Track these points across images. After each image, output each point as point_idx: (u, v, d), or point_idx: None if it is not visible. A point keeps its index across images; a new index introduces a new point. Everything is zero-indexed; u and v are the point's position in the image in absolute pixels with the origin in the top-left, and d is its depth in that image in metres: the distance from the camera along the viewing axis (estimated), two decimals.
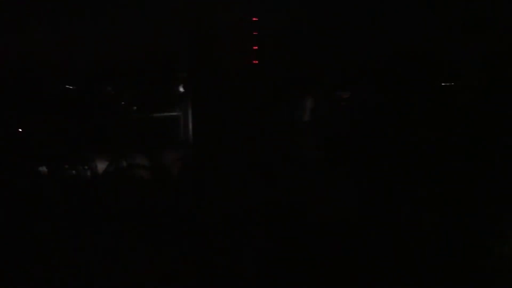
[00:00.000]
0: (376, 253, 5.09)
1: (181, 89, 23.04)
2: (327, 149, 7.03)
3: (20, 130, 8.12)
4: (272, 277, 5.00)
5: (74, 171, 6.91)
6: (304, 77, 7.53)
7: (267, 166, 6.19)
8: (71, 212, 6.64)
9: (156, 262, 5.09)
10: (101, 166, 6.85)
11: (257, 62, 6.88)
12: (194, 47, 6.59)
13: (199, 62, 6.70)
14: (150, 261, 5.10)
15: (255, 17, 6.79)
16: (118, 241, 5.51)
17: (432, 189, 5.79)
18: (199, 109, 6.61)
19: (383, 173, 6.10)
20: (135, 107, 19.14)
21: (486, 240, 5.13)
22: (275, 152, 6.21)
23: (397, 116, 6.77)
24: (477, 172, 5.83)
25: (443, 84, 7.74)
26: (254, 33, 6.88)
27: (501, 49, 6.72)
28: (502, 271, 4.90)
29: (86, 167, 6.89)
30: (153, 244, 5.45)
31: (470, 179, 5.76)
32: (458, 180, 5.78)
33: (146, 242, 5.52)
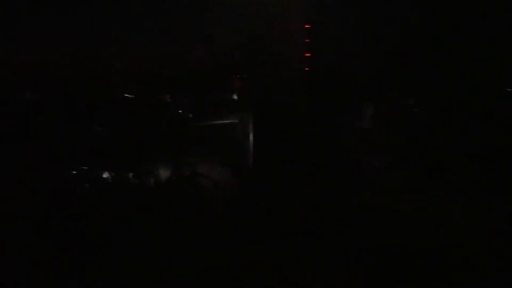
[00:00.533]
0: None
1: (237, 97, 23.15)
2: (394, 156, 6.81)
3: (83, 137, 8.34)
4: None
5: (138, 179, 7.01)
6: (366, 83, 7.33)
7: (331, 172, 6.04)
8: (135, 219, 6.76)
9: (218, 272, 5.03)
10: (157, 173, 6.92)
11: (308, 69, 6.77)
12: (252, 56, 6.53)
13: (258, 70, 6.64)
14: (210, 270, 5.04)
15: (308, 25, 6.69)
16: (182, 250, 5.52)
17: None
18: (261, 116, 6.52)
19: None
20: (191, 115, 19.42)
21: None
22: (339, 158, 6.04)
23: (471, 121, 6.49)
24: None
25: None
26: (307, 40, 6.77)
27: None
28: None
29: (149, 175, 6.98)
30: (215, 254, 5.41)
31: None
32: None
33: (209, 251, 5.50)
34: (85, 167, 7.06)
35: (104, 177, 6.89)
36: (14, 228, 5.85)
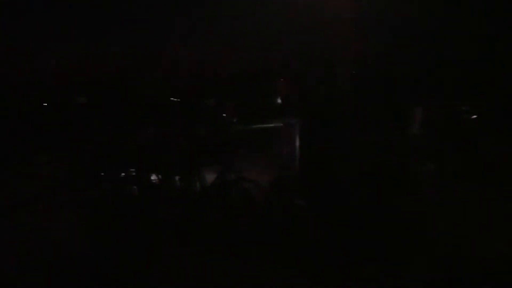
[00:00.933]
0: None
1: (282, 100, 23.13)
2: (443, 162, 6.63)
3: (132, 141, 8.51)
4: None
5: (184, 183, 7.10)
6: (415, 87, 7.15)
7: (380, 179, 5.92)
8: (181, 223, 6.85)
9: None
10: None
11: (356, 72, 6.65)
12: (300, 60, 6.49)
13: (305, 73, 6.60)
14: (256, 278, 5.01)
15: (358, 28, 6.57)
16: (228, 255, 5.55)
17: None
18: (307, 120, 6.45)
19: None
20: (235, 119, 19.57)
21: None
22: (389, 166, 5.91)
23: None
24: None
25: None
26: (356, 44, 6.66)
27: None
28: None
29: (196, 179, 7.06)
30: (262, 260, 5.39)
31: None
32: None
33: (254, 257, 5.49)
34: (133, 170, 7.18)
35: (151, 181, 7.00)
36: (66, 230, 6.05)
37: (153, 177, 7.27)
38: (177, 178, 7.19)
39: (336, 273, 4.82)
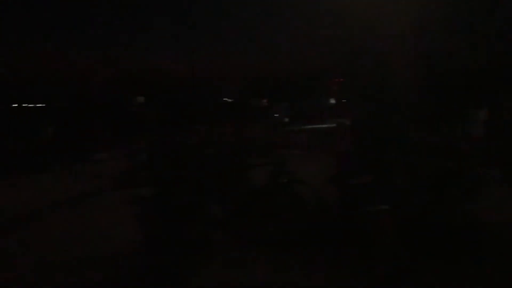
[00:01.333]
0: None
1: (336, 101, 22.73)
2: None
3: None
4: None
5: (233, 183, 7.02)
6: (478, 88, 6.72)
7: (438, 182, 5.57)
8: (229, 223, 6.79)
9: None
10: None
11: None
12: (355, 60, 6.23)
13: (361, 74, 6.33)
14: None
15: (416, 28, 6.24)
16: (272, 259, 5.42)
17: None
18: (363, 121, 6.16)
19: None
20: (287, 119, 19.46)
21: None
22: (452, 170, 5.55)
23: None
24: None
25: None
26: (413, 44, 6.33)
27: None
28: None
29: (245, 180, 6.96)
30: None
31: None
32: None
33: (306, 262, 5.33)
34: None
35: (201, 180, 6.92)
36: None
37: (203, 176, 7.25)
38: (226, 178, 7.12)
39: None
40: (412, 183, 5.49)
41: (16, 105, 16.16)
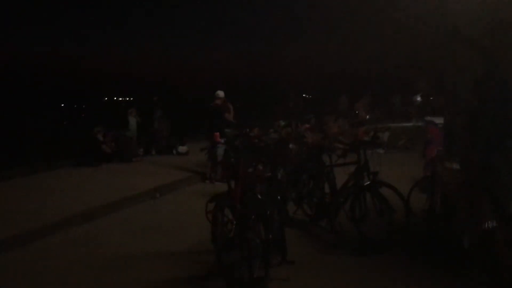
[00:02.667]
0: None
1: (422, 99, 21.49)
2: None
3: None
4: None
5: (312, 183, 6.67)
6: None
7: None
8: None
9: None
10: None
11: None
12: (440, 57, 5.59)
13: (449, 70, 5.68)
14: None
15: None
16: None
17: None
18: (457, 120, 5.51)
19: None
20: (368, 116, 18.68)
21: None
22: None
23: None
24: None
25: None
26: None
27: None
28: None
29: (324, 179, 6.58)
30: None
31: None
32: None
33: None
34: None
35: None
36: None
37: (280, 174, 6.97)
38: (305, 177, 6.78)
39: None
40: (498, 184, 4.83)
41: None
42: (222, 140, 9.09)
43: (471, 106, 5.29)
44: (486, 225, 4.71)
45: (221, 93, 10.17)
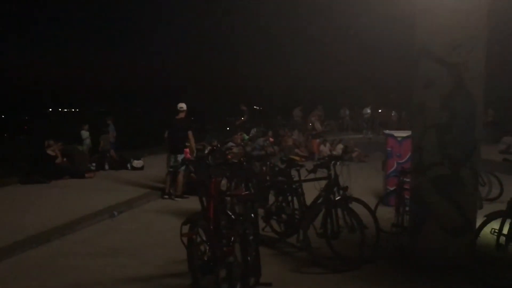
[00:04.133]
0: None
1: (369, 111, 22.01)
2: None
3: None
4: None
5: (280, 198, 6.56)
6: None
7: None
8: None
9: None
10: None
11: None
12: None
13: None
14: None
15: None
16: None
17: None
18: None
19: None
20: (323, 128, 18.86)
21: None
22: None
23: None
24: None
25: None
26: None
27: None
28: None
29: (292, 195, 6.49)
30: None
31: None
32: None
33: None
34: None
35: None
36: None
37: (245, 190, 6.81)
38: (273, 193, 6.66)
39: None
40: None
41: None
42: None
43: (439, 121, 5.40)
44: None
45: (184, 106, 9.84)
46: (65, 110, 58.12)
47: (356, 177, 10.38)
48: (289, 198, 6.45)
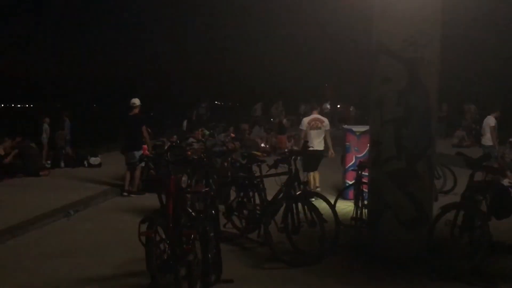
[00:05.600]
0: None
1: (328, 107, 22.19)
2: None
3: None
4: None
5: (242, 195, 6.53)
6: None
7: None
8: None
9: None
10: None
11: None
12: None
13: None
14: None
15: None
16: None
17: None
18: None
19: None
20: (285, 121, 19.02)
21: None
22: None
23: None
24: None
25: None
26: None
27: None
28: None
29: (253, 191, 6.48)
30: None
31: None
32: None
33: None
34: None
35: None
36: None
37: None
38: (234, 188, 6.63)
39: None
40: None
41: None
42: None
43: (396, 115, 5.51)
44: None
45: (137, 101, 9.65)
46: (19, 106, 55.92)
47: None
48: (251, 193, 6.45)
